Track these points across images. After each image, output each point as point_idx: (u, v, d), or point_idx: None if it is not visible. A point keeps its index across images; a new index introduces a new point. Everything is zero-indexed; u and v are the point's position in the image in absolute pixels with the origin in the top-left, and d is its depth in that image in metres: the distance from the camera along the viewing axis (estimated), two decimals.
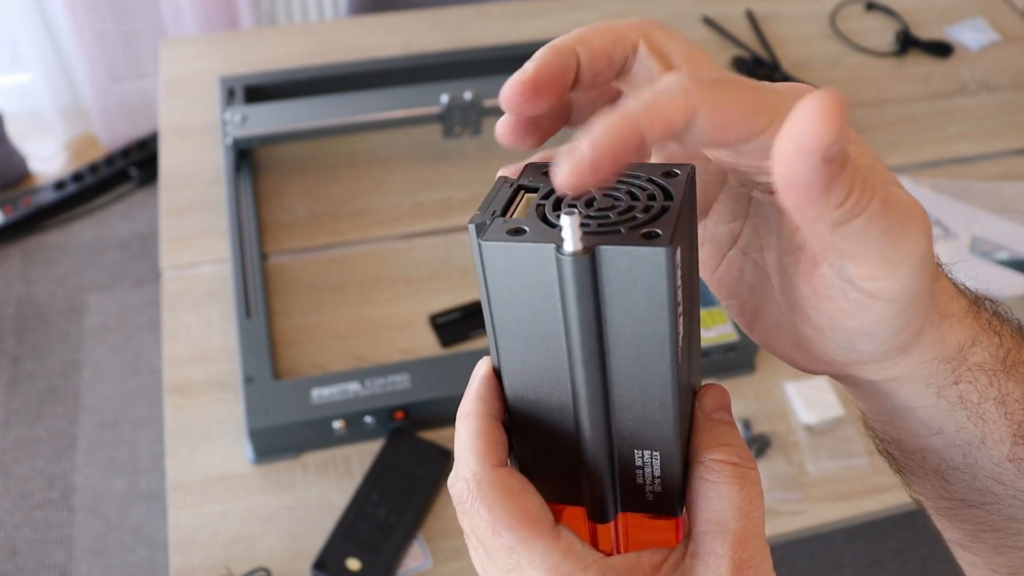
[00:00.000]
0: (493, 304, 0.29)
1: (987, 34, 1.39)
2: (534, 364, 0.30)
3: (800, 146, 0.23)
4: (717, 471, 0.30)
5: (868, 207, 0.25)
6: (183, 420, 0.90)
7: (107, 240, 2.04)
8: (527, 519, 0.30)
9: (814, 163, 0.23)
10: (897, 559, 1.61)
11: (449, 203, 1.12)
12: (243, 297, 0.96)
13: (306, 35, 1.34)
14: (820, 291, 0.30)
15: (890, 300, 0.28)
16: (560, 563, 0.29)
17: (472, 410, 0.32)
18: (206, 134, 1.18)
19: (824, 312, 0.30)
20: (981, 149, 1.23)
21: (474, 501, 0.30)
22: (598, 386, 0.29)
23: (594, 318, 0.28)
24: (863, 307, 0.28)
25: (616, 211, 0.28)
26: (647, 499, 0.32)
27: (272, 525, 0.84)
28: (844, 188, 0.24)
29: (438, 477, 0.86)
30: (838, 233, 0.26)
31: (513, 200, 0.30)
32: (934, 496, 0.36)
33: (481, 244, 0.28)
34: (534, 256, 0.27)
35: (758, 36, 1.36)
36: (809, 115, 0.23)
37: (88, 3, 1.97)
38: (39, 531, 1.60)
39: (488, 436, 0.31)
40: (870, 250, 0.26)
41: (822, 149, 0.23)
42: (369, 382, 0.87)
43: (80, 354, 1.84)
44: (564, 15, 1.37)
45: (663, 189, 0.29)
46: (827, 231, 0.26)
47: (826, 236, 0.26)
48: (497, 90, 0.33)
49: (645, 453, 0.31)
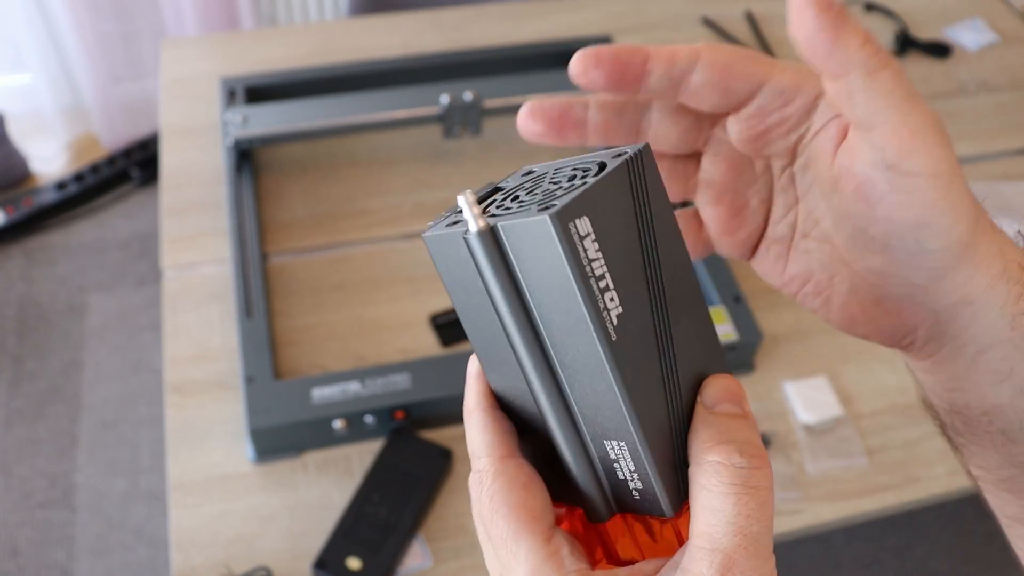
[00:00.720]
0: (452, 296, 0.31)
1: (986, 35, 1.39)
2: (493, 354, 0.31)
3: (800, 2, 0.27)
4: (712, 475, 0.28)
5: (890, 64, 0.28)
6: (184, 420, 0.91)
7: (108, 240, 2.05)
8: (523, 513, 0.29)
9: (815, 12, 0.27)
10: (896, 559, 1.61)
11: (449, 203, 1.12)
12: (244, 297, 0.96)
13: (306, 35, 1.35)
14: (871, 198, 0.31)
15: (931, 175, 0.29)
16: (541, 565, 0.29)
17: (475, 405, 0.32)
18: (207, 134, 1.18)
19: (882, 220, 0.31)
20: (980, 149, 1.23)
21: (481, 492, 0.30)
22: (546, 371, 0.29)
23: (517, 300, 0.28)
24: (911, 191, 0.29)
25: (541, 192, 0.29)
26: (634, 497, 0.30)
27: (273, 524, 0.84)
28: (857, 32, 0.28)
29: (438, 477, 0.86)
30: (870, 87, 0.28)
31: (484, 200, 0.31)
32: (996, 465, 0.35)
33: (424, 237, 0.30)
34: (451, 242, 0.29)
35: (757, 37, 1.36)
36: None
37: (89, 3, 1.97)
38: (40, 531, 1.60)
39: (493, 428, 0.32)
40: (897, 115, 0.28)
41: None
42: (369, 382, 0.87)
43: (81, 354, 1.84)
44: (564, 15, 1.38)
45: (601, 168, 0.29)
46: (861, 84, 0.28)
47: (861, 93, 0.28)
48: (497, 90, 0.36)
49: (614, 444, 0.29)
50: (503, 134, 1.19)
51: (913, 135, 0.28)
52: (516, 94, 1.12)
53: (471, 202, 0.28)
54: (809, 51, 0.28)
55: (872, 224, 0.31)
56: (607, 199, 0.28)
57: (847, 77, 0.28)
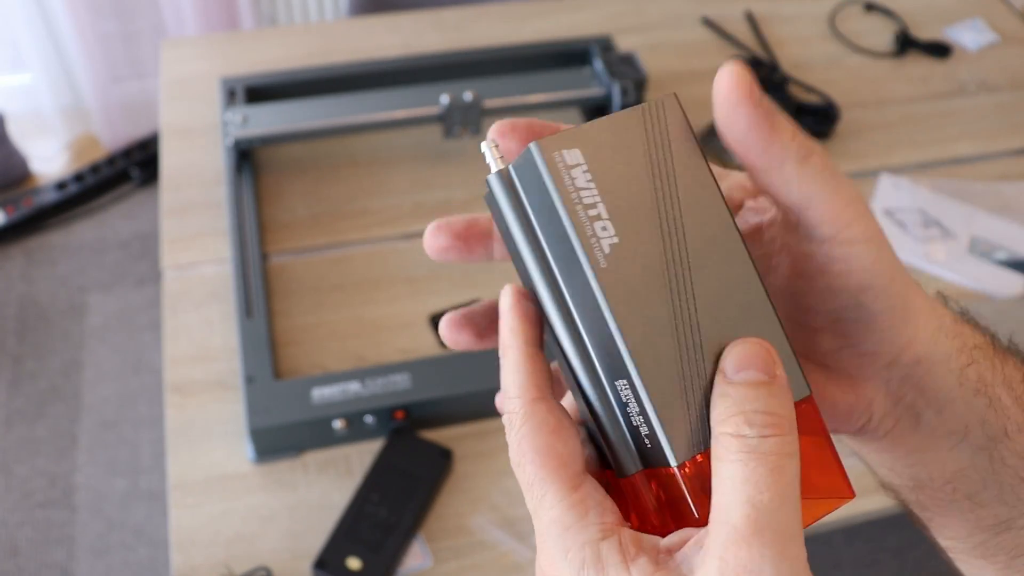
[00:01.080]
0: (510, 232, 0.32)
1: (986, 35, 1.39)
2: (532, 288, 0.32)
3: (733, 98, 0.29)
4: (723, 448, 0.27)
5: (816, 147, 0.30)
6: (184, 420, 0.91)
7: (108, 240, 2.05)
8: (550, 458, 0.29)
9: (749, 108, 0.29)
10: (896, 559, 1.62)
11: (449, 203, 1.12)
12: (244, 297, 0.96)
13: (306, 35, 1.35)
14: (809, 272, 0.32)
15: (867, 240, 0.30)
16: (564, 514, 0.28)
17: (509, 342, 0.32)
18: (207, 134, 1.18)
19: (823, 291, 0.32)
20: (980, 149, 1.23)
21: (512, 434, 0.30)
22: (559, 305, 0.30)
23: (530, 234, 0.30)
24: (850, 258, 0.30)
25: None
26: (647, 446, 0.29)
27: (273, 524, 0.84)
28: (787, 126, 0.29)
29: (438, 477, 0.86)
30: (803, 173, 0.29)
31: None
32: (967, 533, 0.35)
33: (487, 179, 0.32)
34: (491, 183, 0.31)
35: (757, 37, 1.36)
36: (726, 77, 0.29)
37: (89, 3, 1.97)
38: (40, 530, 1.60)
39: (527, 367, 0.31)
40: (831, 192, 0.30)
41: (750, 94, 0.28)
42: (369, 382, 0.87)
43: (81, 354, 1.84)
44: (564, 15, 1.38)
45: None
46: (795, 171, 0.29)
47: (795, 180, 0.30)
48: (497, 90, 0.37)
49: (623, 384, 0.29)
50: None
51: (847, 206, 0.30)
52: (516, 94, 1.13)
53: (490, 146, 0.31)
54: (743, 148, 0.29)
55: (813, 298, 0.32)
56: (609, 136, 0.29)
57: (782, 167, 0.30)
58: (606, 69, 1.14)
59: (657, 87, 1.25)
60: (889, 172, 1.18)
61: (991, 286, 1.05)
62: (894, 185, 1.16)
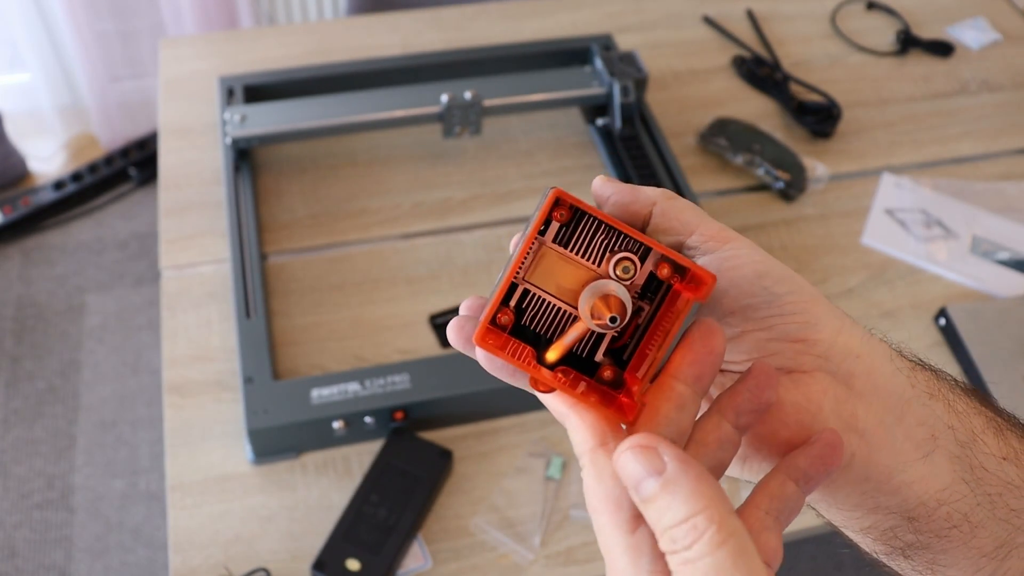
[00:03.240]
0: None
1: (988, 34, 1.39)
2: None
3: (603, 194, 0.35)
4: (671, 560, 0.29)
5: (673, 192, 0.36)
6: (182, 420, 0.90)
7: (106, 240, 2.04)
8: (608, 505, 0.30)
9: (615, 186, 0.35)
10: None
11: (449, 203, 1.12)
12: (243, 297, 0.95)
13: (306, 35, 1.34)
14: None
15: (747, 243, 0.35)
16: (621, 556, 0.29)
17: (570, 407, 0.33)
18: (205, 134, 1.18)
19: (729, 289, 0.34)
20: (982, 149, 1.23)
21: (585, 478, 0.32)
22: None
23: None
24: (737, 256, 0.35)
25: None
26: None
27: (272, 525, 0.84)
28: (645, 187, 0.36)
29: (438, 477, 0.85)
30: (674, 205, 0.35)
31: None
32: (973, 566, 0.35)
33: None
34: None
35: (758, 35, 1.36)
36: (597, 186, 0.36)
37: (87, 3, 1.96)
38: (38, 531, 1.60)
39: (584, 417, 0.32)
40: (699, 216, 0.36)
41: (612, 182, 0.35)
42: (369, 382, 0.87)
43: (79, 354, 1.84)
44: (564, 15, 1.37)
45: None
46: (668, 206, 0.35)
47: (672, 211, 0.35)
48: (497, 90, 0.36)
49: None
50: (503, 133, 1.19)
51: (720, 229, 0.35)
52: (516, 93, 1.12)
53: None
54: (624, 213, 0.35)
55: (728, 302, 0.34)
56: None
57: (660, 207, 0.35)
58: (606, 68, 1.13)
59: (657, 86, 1.25)
60: (891, 171, 1.18)
61: (993, 286, 1.05)
62: (896, 184, 1.15)
